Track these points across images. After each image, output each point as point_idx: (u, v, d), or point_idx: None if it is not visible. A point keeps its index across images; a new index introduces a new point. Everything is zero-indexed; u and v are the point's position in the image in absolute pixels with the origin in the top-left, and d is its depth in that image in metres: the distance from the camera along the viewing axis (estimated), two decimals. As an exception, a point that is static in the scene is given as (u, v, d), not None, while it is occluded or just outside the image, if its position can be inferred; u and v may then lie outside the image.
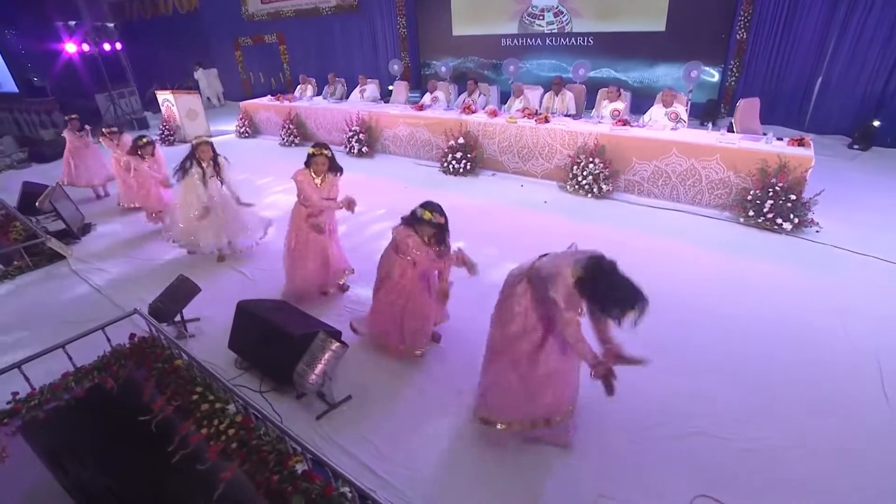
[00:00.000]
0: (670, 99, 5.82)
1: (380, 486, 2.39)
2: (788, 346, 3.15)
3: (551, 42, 9.66)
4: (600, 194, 5.49)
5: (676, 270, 4.08)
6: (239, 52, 12.19)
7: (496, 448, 2.54)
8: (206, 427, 2.79)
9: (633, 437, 2.57)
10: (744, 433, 2.56)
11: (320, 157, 3.57)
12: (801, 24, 6.92)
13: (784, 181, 4.45)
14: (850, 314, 3.39)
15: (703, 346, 3.19)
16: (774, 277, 3.91)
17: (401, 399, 2.93)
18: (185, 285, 3.65)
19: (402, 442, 2.63)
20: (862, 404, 2.70)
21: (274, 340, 3.04)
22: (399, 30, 11.00)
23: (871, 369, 2.92)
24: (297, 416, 2.87)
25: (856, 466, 2.36)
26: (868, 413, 2.64)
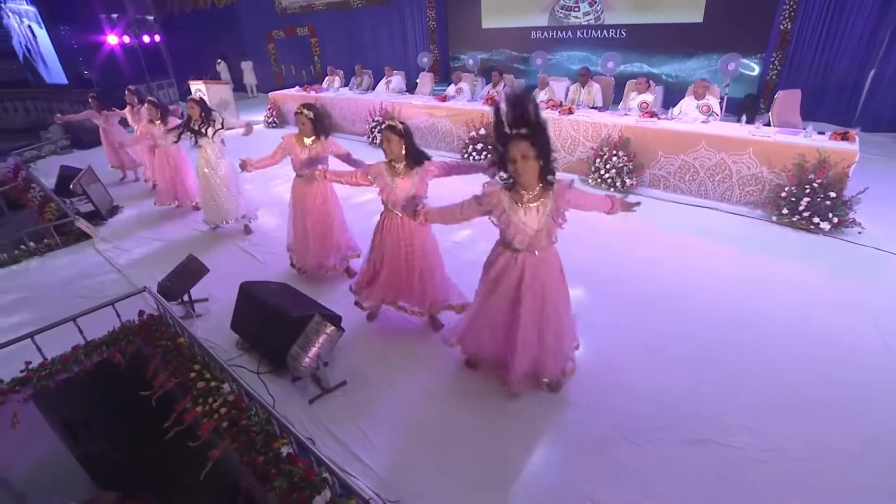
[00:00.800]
0: (703, 90, 5.51)
1: (364, 473, 2.32)
2: (819, 354, 2.89)
3: (582, 35, 9.39)
4: (623, 189, 5.26)
5: (698, 267, 3.86)
6: (272, 45, 12.42)
7: (487, 445, 2.43)
8: (201, 405, 2.80)
9: (632, 440, 2.41)
10: (757, 443, 2.36)
11: (300, 115, 3.45)
12: (853, 12, 6.44)
13: (823, 177, 4.13)
14: (891, 322, 3.10)
15: (722, 349, 2.98)
16: (808, 279, 3.63)
17: (396, 388, 2.86)
18: (193, 265, 3.69)
19: (392, 431, 2.56)
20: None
21: (271, 322, 3.03)
22: (428, 23, 10.95)
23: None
24: (290, 398, 2.84)
25: (882, 490, 2.13)
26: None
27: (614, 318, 3.34)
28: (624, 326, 3.23)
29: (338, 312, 3.23)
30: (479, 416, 2.60)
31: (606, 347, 3.06)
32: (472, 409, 2.65)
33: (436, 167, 2.87)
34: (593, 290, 3.66)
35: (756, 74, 7.71)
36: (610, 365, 2.91)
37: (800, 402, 2.57)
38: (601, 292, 3.63)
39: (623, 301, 3.51)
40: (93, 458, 3.65)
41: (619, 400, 2.65)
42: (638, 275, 3.82)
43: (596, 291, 3.64)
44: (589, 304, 3.48)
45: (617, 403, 2.63)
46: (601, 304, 3.50)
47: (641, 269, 3.88)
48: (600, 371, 2.86)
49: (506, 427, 2.52)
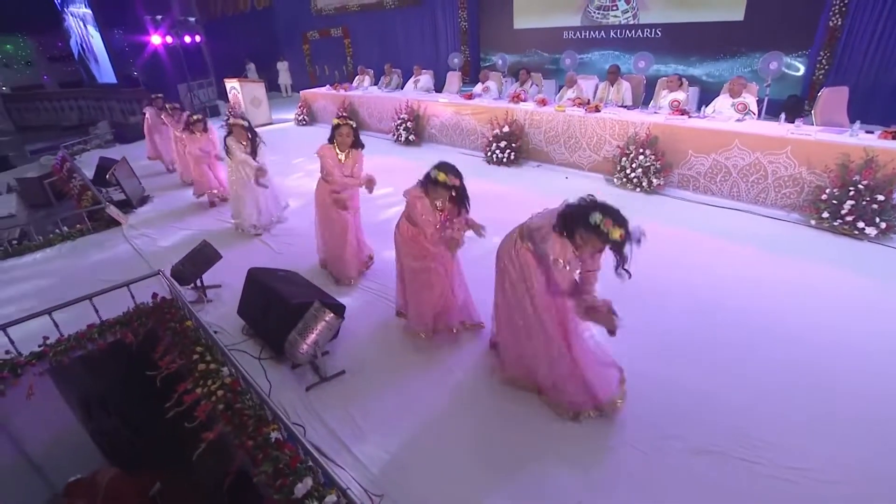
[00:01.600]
0: (739, 88, 5.22)
1: (351, 464, 2.26)
2: (858, 370, 2.61)
3: (616, 34, 9.12)
4: (650, 189, 5.03)
5: (726, 271, 3.62)
6: (307, 46, 12.70)
7: (481, 446, 2.32)
8: (201, 387, 2.81)
9: (638, 448, 2.25)
10: (778, 459, 2.15)
11: (345, 126, 3.42)
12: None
13: (870, 178, 3.81)
14: None
15: (748, 358, 2.75)
16: (849, 288, 3.32)
17: (395, 380, 2.79)
18: (206, 251, 3.74)
19: (385, 423, 2.48)
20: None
21: (273, 308, 3.02)
22: (460, 23, 10.92)
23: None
24: (288, 385, 2.82)
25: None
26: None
27: (631, 321, 3.13)
28: (641, 330, 3.04)
29: (345, 302, 3.20)
30: (475, 416, 2.50)
31: (619, 351, 2.87)
32: (470, 408, 2.55)
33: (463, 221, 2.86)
34: (609, 291, 3.48)
35: (800, 74, 7.27)
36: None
37: (835, 420, 2.33)
38: (618, 294, 3.45)
39: (641, 304, 3.30)
40: (105, 434, 3.75)
41: (628, 405, 2.48)
42: (660, 278, 3.60)
43: (612, 293, 3.46)
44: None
45: (625, 409, 2.46)
46: (617, 305, 3.32)
47: (665, 273, 3.66)
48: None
49: (502, 428, 2.40)
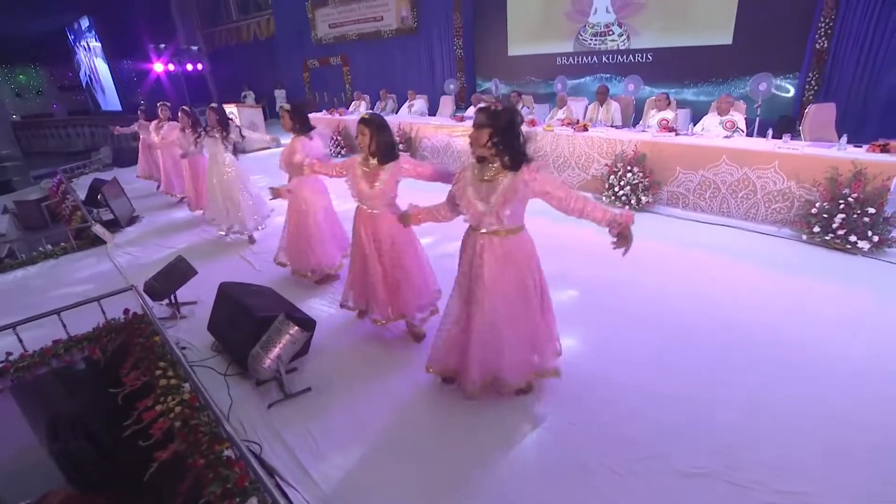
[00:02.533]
0: (727, 106, 5.22)
1: (304, 483, 2.11)
2: (855, 387, 2.47)
3: (608, 60, 9.25)
4: (639, 206, 4.96)
5: (715, 286, 3.50)
6: (307, 74, 12.99)
7: (448, 465, 2.17)
8: (161, 403, 2.69)
9: (617, 469, 2.09)
10: (771, 483, 1.98)
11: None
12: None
13: (860, 191, 3.72)
14: None
15: (739, 375, 2.61)
16: (843, 303, 3.19)
17: (361, 398, 2.65)
18: (180, 266, 3.67)
19: (346, 442, 2.34)
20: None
21: (239, 322, 2.92)
22: (456, 51, 11.14)
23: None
24: (250, 402, 2.69)
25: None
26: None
27: (618, 335, 3.04)
28: (628, 346, 2.92)
29: (322, 318, 3.10)
30: (444, 434, 2.35)
31: (602, 366, 2.75)
32: (438, 426, 2.41)
33: (410, 165, 2.73)
34: (598, 305, 3.38)
35: (790, 96, 7.29)
36: (605, 385, 2.60)
37: (832, 439, 2.17)
38: (606, 308, 3.34)
39: (630, 319, 3.20)
40: (70, 455, 3.59)
41: (609, 423, 2.34)
42: (649, 293, 3.50)
43: (601, 307, 3.36)
44: (591, 319, 3.21)
45: (605, 427, 2.32)
46: (605, 320, 3.21)
47: (654, 287, 3.55)
48: (592, 390, 2.55)
49: (473, 446, 2.25)
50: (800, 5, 6.89)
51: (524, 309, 2.24)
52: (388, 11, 11.59)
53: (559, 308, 3.30)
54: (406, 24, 11.35)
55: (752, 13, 7.34)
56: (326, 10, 12.21)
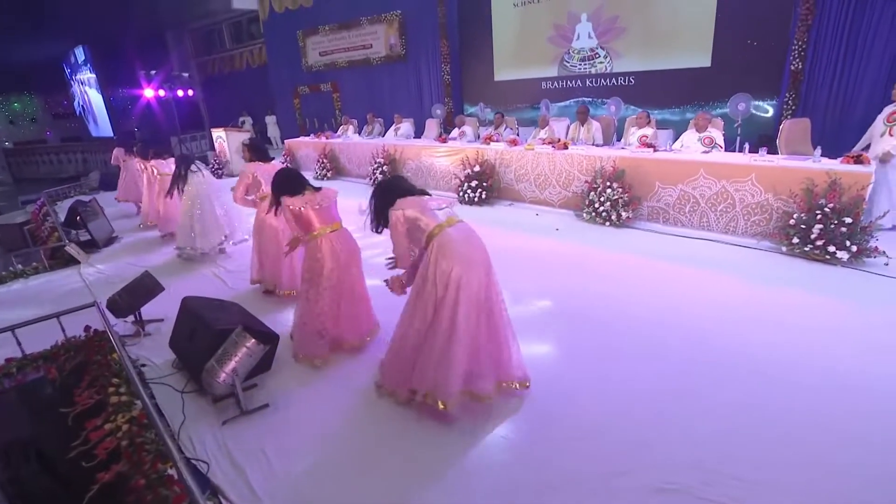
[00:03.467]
0: (704, 123, 5.26)
1: (250, 502, 1.96)
2: (833, 398, 2.36)
3: (591, 83, 9.43)
4: (619, 222, 4.93)
5: (693, 299, 3.43)
6: (297, 100, 13.15)
7: (401, 484, 2.03)
8: (111, 422, 2.56)
9: (587, 486, 1.95)
10: (747, 499, 1.85)
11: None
12: (866, 49, 6.16)
13: (835, 201, 3.70)
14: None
15: (715, 387, 2.50)
16: (822, 315, 3.11)
17: (322, 417, 2.50)
18: (146, 282, 3.57)
19: (301, 463, 2.19)
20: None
21: (198, 336, 2.80)
22: (443, 76, 11.34)
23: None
24: (205, 419, 2.55)
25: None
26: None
27: (589, 348, 2.94)
28: (599, 359, 2.82)
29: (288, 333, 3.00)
30: (404, 453, 2.20)
31: (571, 379, 2.64)
32: (400, 445, 2.25)
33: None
34: (571, 318, 3.30)
35: (770, 116, 7.40)
36: (573, 398, 2.48)
37: (812, 451, 2.06)
38: (579, 321, 3.25)
39: (603, 331, 3.10)
40: (19, 483, 3.38)
41: (577, 437, 2.22)
42: (624, 306, 3.42)
43: (573, 319, 3.27)
44: (563, 332, 3.12)
45: (573, 441, 2.19)
46: (577, 333, 3.12)
47: (629, 301, 3.48)
48: (559, 404, 2.44)
49: (434, 464, 2.11)
50: (774, 29, 7.08)
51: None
52: (377, 39, 11.85)
53: (532, 320, 3.22)
54: (395, 51, 11.59)
55: (728, 37, 7.53)
56: (317, 38, 12.48)
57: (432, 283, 2.18)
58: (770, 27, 7.14)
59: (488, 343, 2.31)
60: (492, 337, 2.32)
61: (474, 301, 2.18)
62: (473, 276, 2.17)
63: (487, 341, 2.30)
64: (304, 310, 2.90)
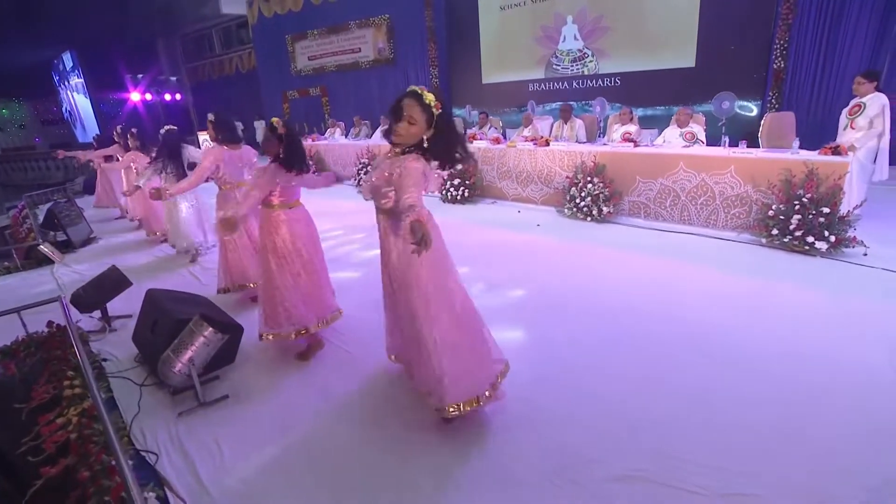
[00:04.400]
0: (685, 118, 5.26)
1: (198, 497, 1.88)
2: (807, 388, 2.27)
3: (578, 85, 9.46)
4: (601, 217, 4.89)
5: (668, 292, 3.37)
6: (287, 105, 13.15)
7: (351, 480, 1.94)
8: (63, 416, 2.46)
9: (550, 478, 1.87)
10: (711, 484, 1.78)
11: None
12: (846, 45, 6.20)
13: (813, 191, 3.68)
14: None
15: (682, 379, 2.41)
16: (798, 302, 3.06)
17: (282, 411, 2.38)
18: (113, 276, 3.49)
19: (255, 456, 2.08)
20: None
21: (160, 327, 2.72)
22: (432, 80, 11.36)
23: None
24: (161, 411, 2.46)
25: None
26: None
27: (559, 339, 2.87)
28: (568, 349, 2.75)
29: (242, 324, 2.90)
30: (355, 448, 2.10)
31: (537, 370, 2.57)
32: (354, 438, 2.16)
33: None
34: (542, 309, 3.23)
35: (755, 115, 7.42)
36: (538, 389, 2.40)
37: (777, 441, 1.98)
38: (549, 312, 3.19)
39: (574, 322, 3.04)
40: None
41: (540, 429, 2.13)
42: (598, 297, 3.36)
43: (545, 310, 3.21)
44: (532, 322, 3.06)
45: (536, 433, 2.11)
46: (547, 323, 3.05)
47: (603, 292, 3.42)
48: (523, 395, 2.35)
49: (389, 466, 2.00)
50: (757, 29, 7.12)
51: (433, 318, 1.99)
52: (365, 43, 11.87)
53: (504, 310, 3.16)
54: (383, 55, 11.61)
55: (712, 37, 7.57)
56: (306, 42, 12.50)
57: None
58: (752, 27, 7.18)
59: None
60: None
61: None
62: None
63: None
64: (266, 283, 2.80)
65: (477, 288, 3.52)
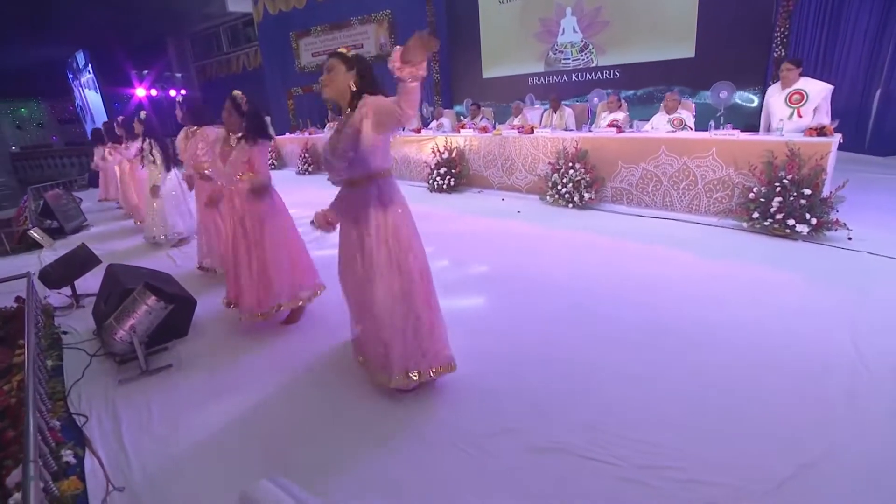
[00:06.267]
0: (673, 104, 5.12)
1: (114, 455, 1.86)
2: (767, 368, 2.17)
3: (577, 77, 9.35)
4: (582, 204, 4.79)
5: (635, 273, 3.27)
6: (291, 101, 13.27)
7: (284, 445, 1.91)
8: (9, 383, 2.49)
9: (463, 446, 1.80)
10: (636, 458, 1.68)
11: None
12: (848, 33, 6.00)
13: (794, 173, 3.54)
14: (873, 339, 2.27)
15: (637, 355, 2.33)
16: (771, 286, 2.92)
17: (222, 384, 2.35)
18: (81, 253, 3.53)
19: (184, 423, 2.05)
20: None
21: (111, 298, 2.72)
22: (433, 75, 11.35)
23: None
24: (104, 378, 2.46)
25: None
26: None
27: (515, 315, 2.81)
28: (520, 324, 2.69)
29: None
30: (293, 421, 2.05)
31: (479, 342, 2.50)
32: (294, 412, 2.11)
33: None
34: (506, 286, 3.17)
35: (755, 106, 7.22)
36: (479, 359, 2.34)
37: (721, 416, 1.88)
38: (511, 289, 3.13)
39: (533, 299, 2.97)
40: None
41: (468, 397, 2.08)
42: (566, 277, 3.28)
43: (507, 287, 3.15)
44: (491, 298, 3.00)
45: (463, 401, 2.06)
46: (505, 300, 2.99)
47: (565, 272, 3.34)
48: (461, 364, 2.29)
49: (309, 428, 1.98)
50: (757, 17, 6.94)
51: (398, 291, 1.97)
52: (367, 39, 11.93)
53: (464, 285, 3.11)
54: (385, 50, 11.63)
55: (712, 27, 7.40)
56: (309, 39, 12.61)
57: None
58: (753, 15, 7.00)
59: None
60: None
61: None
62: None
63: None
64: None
65: (441, 265, 3.51)
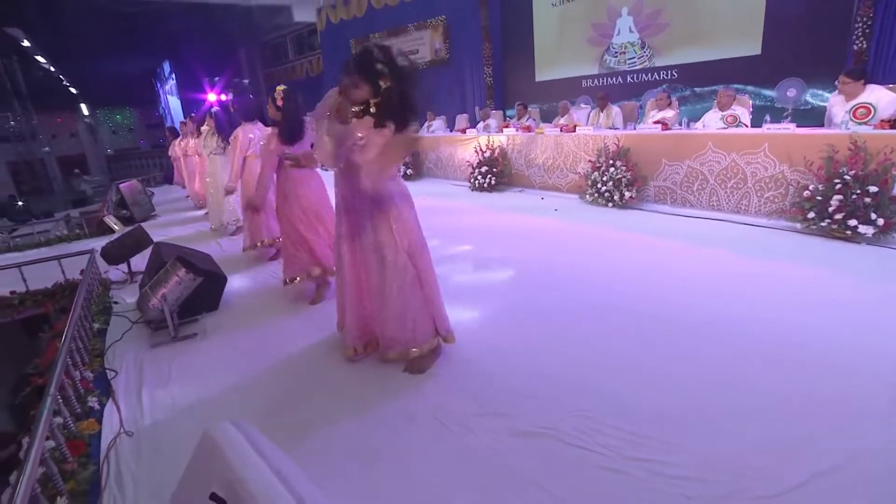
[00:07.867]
0: (727, 100, 4.79)
1: (132, 406, 2.02)
2: (802, 367, 2.01)
3: (633, 79, 9.00)
4: (622, 202, 4.60)
5: (668, 273, 3.09)
6: (348, 106, 13.85)
7: (282, 412, 1.98)
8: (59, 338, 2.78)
9: (448, 423, 1.79)
10: (623, 449, 1.60)
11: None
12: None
13: (859, 168, 3.19)
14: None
15: (650, 353, 2.22)
16: (826, 290, 2.62)
17: (241, 357, 2.45)
18: (136, 234, 3.86)
19: (197, 384, 2.20)
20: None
21: (155, 273, 2.96)
22: (486, 79, 11.39)
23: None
24: (139, 342, 2.68)
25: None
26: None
27: (524, 307, 2.74)
28: (529, 317, 2.62)
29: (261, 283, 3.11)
30: (304, 391, 2.12)
31: (489, 331, 2.47)
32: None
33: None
34: (522, 281, 3.11)
35: (831, 104, 6.59)
36: (478, 346, 2.31)
37: (729, 416, 1.74)
38: (527, 283, 3.06)
39: (548, 292, 2.89)
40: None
41: (461, 377, 2.08)
42: (585, 272, 3.16)
43: (523, 282, 3.08)
44: (508, 292, 2.95)
45: (453, 381, 2.05)
46: (519, 293, 2.93)
47: (606, 271, 3.19)
48: (459, 348, 2.27)
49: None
50: (833, 8, 6.36)
51: (394, 274, 2.04)
52: (423, 45, 12.18)
53: (483, 273, 3.10)
54: (439, 55, 11.84)
55: (780, 20, 6.87)
56: (368, 46, 13.07)
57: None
58: (828, 6, 6.42)
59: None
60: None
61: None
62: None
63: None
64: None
65: (460, 250, 3.56)
